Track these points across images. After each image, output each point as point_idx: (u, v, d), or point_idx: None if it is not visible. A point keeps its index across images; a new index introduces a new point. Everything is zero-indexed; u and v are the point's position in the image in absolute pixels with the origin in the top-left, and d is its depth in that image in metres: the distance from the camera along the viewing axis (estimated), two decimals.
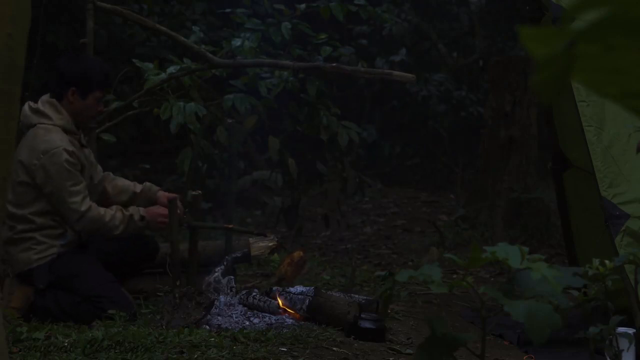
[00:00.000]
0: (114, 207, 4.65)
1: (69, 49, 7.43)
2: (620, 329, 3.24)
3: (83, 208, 4.50)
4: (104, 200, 4.82)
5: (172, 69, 5.56)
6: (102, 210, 4.56)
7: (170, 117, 5.45)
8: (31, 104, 4.61)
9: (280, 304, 4.45)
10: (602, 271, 2.74)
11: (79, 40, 5.54)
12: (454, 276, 5.65)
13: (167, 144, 8.53)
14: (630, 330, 3.45)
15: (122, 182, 5.00)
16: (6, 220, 4.51)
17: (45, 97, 4.64)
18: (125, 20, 6.97)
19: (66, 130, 4.57)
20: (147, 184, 4.99)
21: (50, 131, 4.52)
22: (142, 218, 4.64)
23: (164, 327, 4.20)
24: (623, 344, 3.29)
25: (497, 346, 4.40)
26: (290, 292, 4.48)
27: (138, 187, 4.94)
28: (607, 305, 2.78)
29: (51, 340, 3.83)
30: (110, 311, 4.30)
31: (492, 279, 5.99)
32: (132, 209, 4.67)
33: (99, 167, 4.93)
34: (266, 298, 4.49)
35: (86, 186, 4.57)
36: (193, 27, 6.44)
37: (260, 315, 4.40)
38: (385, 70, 6.83)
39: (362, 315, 4.23)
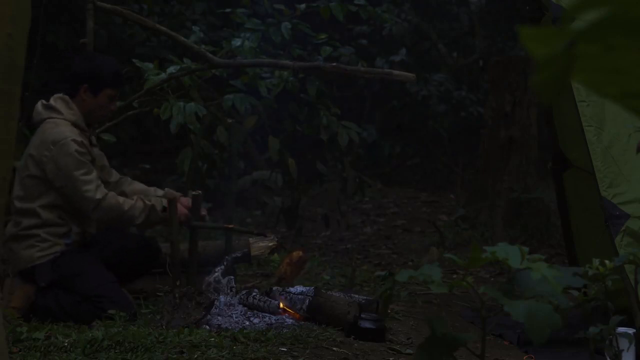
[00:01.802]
0: (135, 196, 4.62)
1: (69, 49, 7.43)
2: (620, 329, 3.24)
3: (98, 196, 4.47)
4: None
5: (172, 69, 5.56)
6: (120, 198, 4.54)
7: (170, 117, 5.45)
8: (44, 101, 4.64)
9: (280, 304, 4.45)
10: (602, 271, 2.74)
11: (79, 40, 5.54)
12: (454, 276, 5.65)
13: (167, 144, 8.53)
14: (630, 330, 3.45)
15: (141, 185, 4.97)
16: (12, 216, 4.52)
17: (58, 94, 4.66)
18: (125, 20, 6.97)
19: (76, 126, 4.58)
20: (168, 189, 4.96)
21: (58, 124, 4.54)
22: (165, 209, 4.60)
23: (164, 327, 4.20)
24: (623, 344, 3.29)
25: (497, 346, 4.40)
26: (290, 292, 4.48)
27: (159, 192, 4.89)
28: (607, 305, 2.78)
29: (51, 340, 3.83)
30: (110, 311, 4.30)
31: (492, 279, 5.99)
32: (155, 200, 4.63)
33: (114, 172, 4.93)
34: (266, 298, 4.49)
35: (98, 176, 4.56)
36: (193, 27, 6.43)
37: (260, 315, 4.40)
38: (385, 70, 6.83)
39: (362, 315, 4.23)
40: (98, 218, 4.55)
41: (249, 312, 4.43)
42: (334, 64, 5.64)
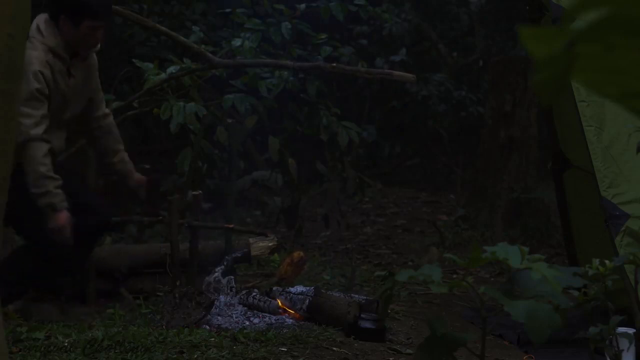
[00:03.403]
0: (58, 177, 4.28)
1: None
2: (620, 329, 3.24)
3: (32, 132, 4.20)
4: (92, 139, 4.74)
5: (172, 69, 5.56)
6: (47, 160, 4.23)
7: (170, 117, 5.45)
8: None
9: (280, 304, 4.45)
10: (602, 271, 2.73)
11: None
12: (454, 276, 5.65)
13: (167, 144, 8.52)
14: (630, 330, 3.45)
15: (113, 143, 4.73)
16: None
17: (46, 15, 4.44)
18: (125, 20, 6.97)
19: (53, 52, 4.39)
20: (125, 160, 4.72)
21: (35, 48, 4.32)
22: (54, 209, 4.24)
23: (164, 327, 4.20)
24: (623, 344, 3.28)
25: (497, 346, 4.40)
26: (290, 292, 4.48)
27: (117, 157, 4.68)
28: (607, 305, 2.78)
29: (51, 340, 3.84)
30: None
31: (492, 279, 5.99)
32: (62, 195, 4.27)
33: (104, 107, 4.77)
34: (266, 298, 4.49)
35: (47, 115, 4.28)
36: (193, 27, 6.44)
37: (260, 315, 4.41)
38: (385, 70, 6.83)
39: (362, 315, 4.23)
40: (18, 154, 4.06)
41: (249, 312, 4.43)
42: (334, 64, 5.64)
